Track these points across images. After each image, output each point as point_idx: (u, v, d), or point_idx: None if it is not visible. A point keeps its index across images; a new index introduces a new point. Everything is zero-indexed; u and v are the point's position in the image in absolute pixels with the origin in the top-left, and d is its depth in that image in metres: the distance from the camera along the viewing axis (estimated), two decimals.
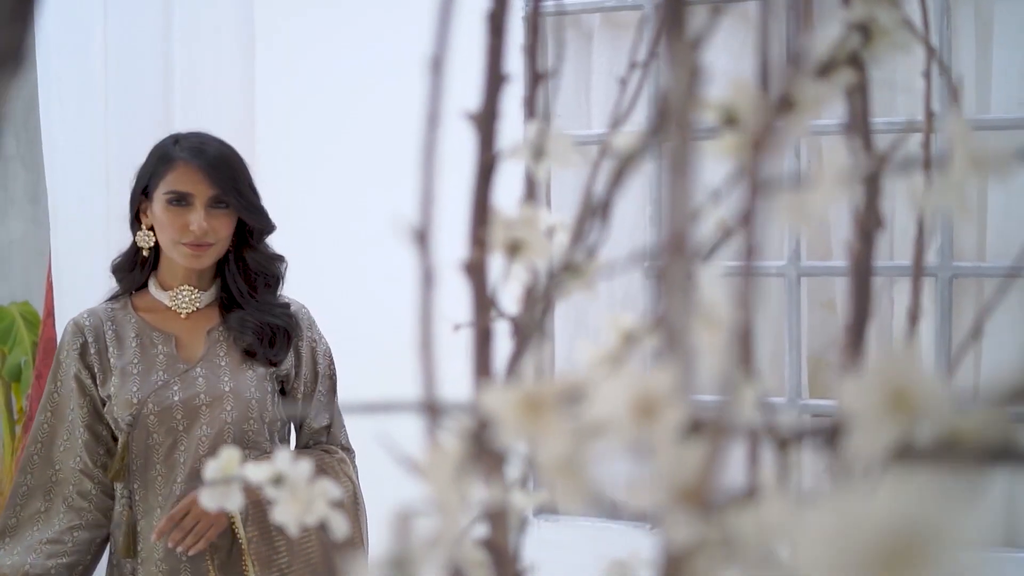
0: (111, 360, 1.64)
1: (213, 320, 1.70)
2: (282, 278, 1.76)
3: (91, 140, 2.50)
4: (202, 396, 1.64)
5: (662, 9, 0.31)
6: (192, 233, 1.61)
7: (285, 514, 0.43)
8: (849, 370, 0.26)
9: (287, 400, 1.72)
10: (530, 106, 0.47)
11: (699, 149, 0.31)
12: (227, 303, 1.71)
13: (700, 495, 0.27)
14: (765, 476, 0.31)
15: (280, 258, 1.75)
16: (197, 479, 1.60)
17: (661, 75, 0.33)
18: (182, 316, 1.70)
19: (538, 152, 0.45)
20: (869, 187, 0.42)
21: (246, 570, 1.61)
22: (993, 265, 1.90)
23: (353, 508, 1.71)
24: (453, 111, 0.38)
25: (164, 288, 1.70)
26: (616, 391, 0.27)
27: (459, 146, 0.49)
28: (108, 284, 1.75)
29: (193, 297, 1.69)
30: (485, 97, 0.38)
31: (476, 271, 0.37)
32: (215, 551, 1.61)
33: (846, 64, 0.38)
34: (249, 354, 1.68)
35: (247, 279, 1.71)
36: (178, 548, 1.56)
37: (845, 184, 0.33)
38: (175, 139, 1.68)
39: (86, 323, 1.66)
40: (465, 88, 0.44)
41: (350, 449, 1.81)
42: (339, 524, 0.44)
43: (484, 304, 0.37)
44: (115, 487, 1.65)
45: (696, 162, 0.30)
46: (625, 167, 0.39)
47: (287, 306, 1.74)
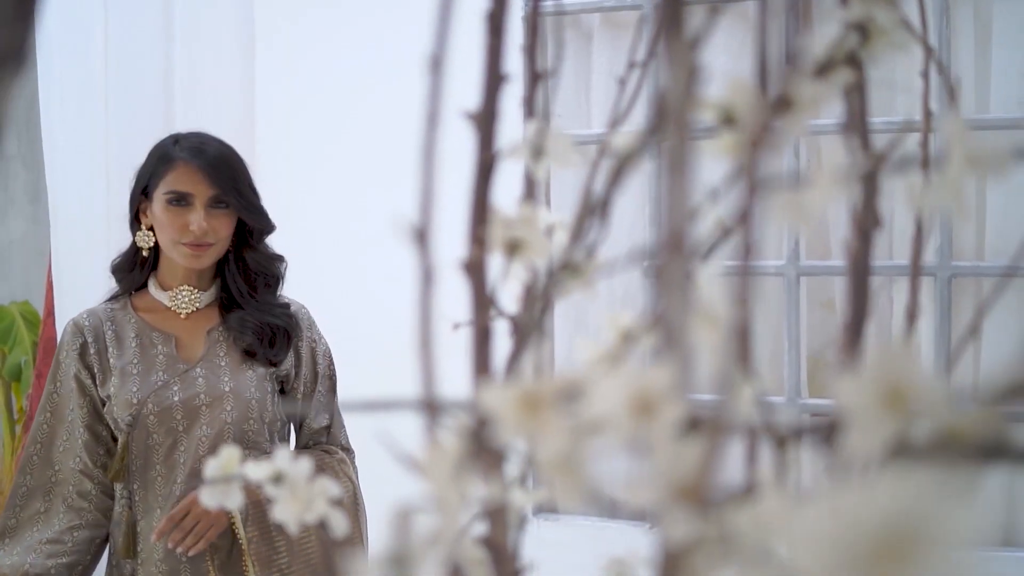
0: (111, 360, 1.64)
1: (213, 320, 1.70)
2: (282, 278, 1.75)
3: (91, 140, 2.50)
4: (202, 396, 1.63)
5: (660, 9, 0.31)
6: (192, 233, 1.61)
7: (285, 512, 0.44)
8: (847, 369, 0.26)
9: (287, 399, 1.72)
10: (529, 106, 0.47)
11: (697, 148, 0.31)
12: (227, 303, 1.71)
13: (698, 492, 0.27)
14: (763, 473, 0.32)
15: (280, 258, 1.75)
16: (197, 479, 1.59)
17: (660, 75, 0.33)
18: (182, 316, 1.69)
19: (537, 151, 0.45)
20: (867, 186, 0.42)
21: (246, 570, 1.60)
22: (992, 265, 1.90)
23: (353, 508, 1.71)
24: (453, 111, 0.38)
25: (164, 288, 1.70)
26: (614, 389, 0.28)
27: (459, 145, 0.49)
28: (108, 284, 1.75)
29: (193, 297, 1.69)
30: (484, 97, 0.38)
31: (475, 270, 0.37)
32: (215, 551, 1.60)
33: (844, 64, 0.38)
34: (249, 354, 1.68)
35: (247, 279, 1.71)
36: (178, 549, 1.55)
37: (843, 183, 0.33)
38: (175, 139, 1.68)
39: (85, 323, 1.66)
40: (465, 88, 0.44)
41: (350, 449, 1.81)
42: (339, 522, 0.44)
43: (483, 303, 0.37)
44: (115, 487, 1.65)
45: (694, 161, 0.30)
46: (624, 166, 0.39)
47: (287, 306, 1.74)
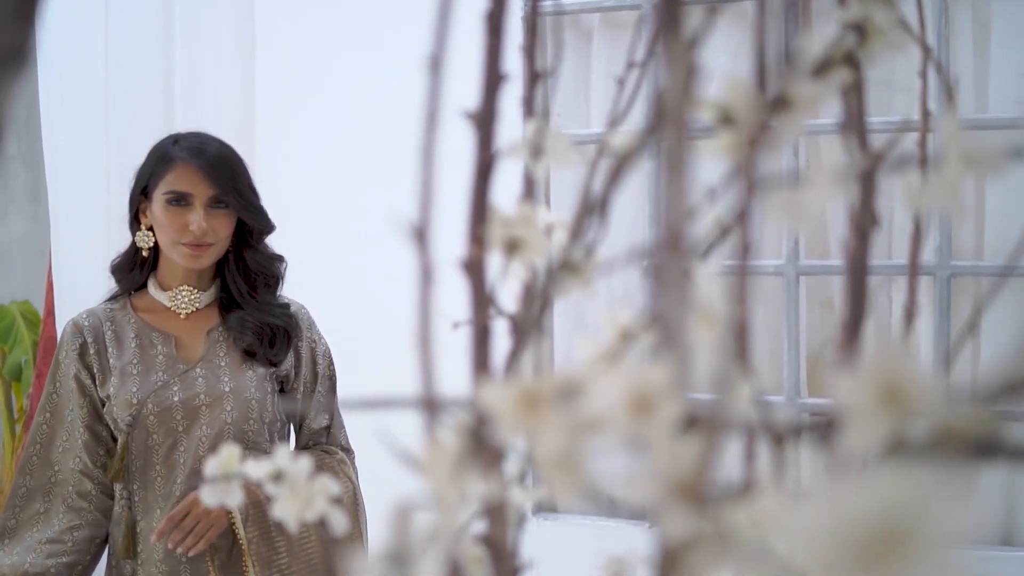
0: (110, 360, 1.64)
1: (213, 320, 1.70)
2: (282, 278, 1.75)
3: (91, 140, 2.51)
4: (202, 396, 1.63)
5: (659, 9, 0.31)
6: (192, 233, 1.61)
7: (285, 511, 0.44)
8: (845, 367, 0.26)
9: (285, 398, 1.72)
10: (529, 105, 0.47)
11: (695, 148, 0.31)
12: (227, 303, 1.71)
13: (696, 490, 0.27)
14: (761, 471, 0.32)
15: (280, 258, 1.75)
16: (197, 479, 1.59)
17: (659, 75, 0.33)
18: (181, 316, 1.69)
19: (536, 151, 0.45)
20: (865, 186, 0.42)
21: (246, 571, 1.60)
22: (991, 264, 1.90)
23: (353, 508, 1.71)
24: (452, 110, 0.38)
25: (163, 288, 1.70)
26: (613, 387, 0.28)
27: (458, 145, 0.49)
28: (108, 284, 1.75)
29: (192, 297, 1.69)
30: (484, 96, 0.38)
31: (475, 269, 0.37)
32: (215, 552, 1.60)
33: (842, 63, 0.38)
34: (249, 354, 1.68)
35: (247, 279, 1.71)
36: (178, 549, 1.55)
37: (840, 183, 0.33)
38: (174, 139, 1.68)
39: (85, 323, 1.66)
40: (464, 87, 0.44)
41: (350, 450, 1.81)
42: (338, 520, 0.44)
43: (483, 302, 0.37)
44: (114, 487, 1.65)
45: (692, 161, 0.30)
46: (622, 166, 0.39)
47: (287, 306, 1.74)
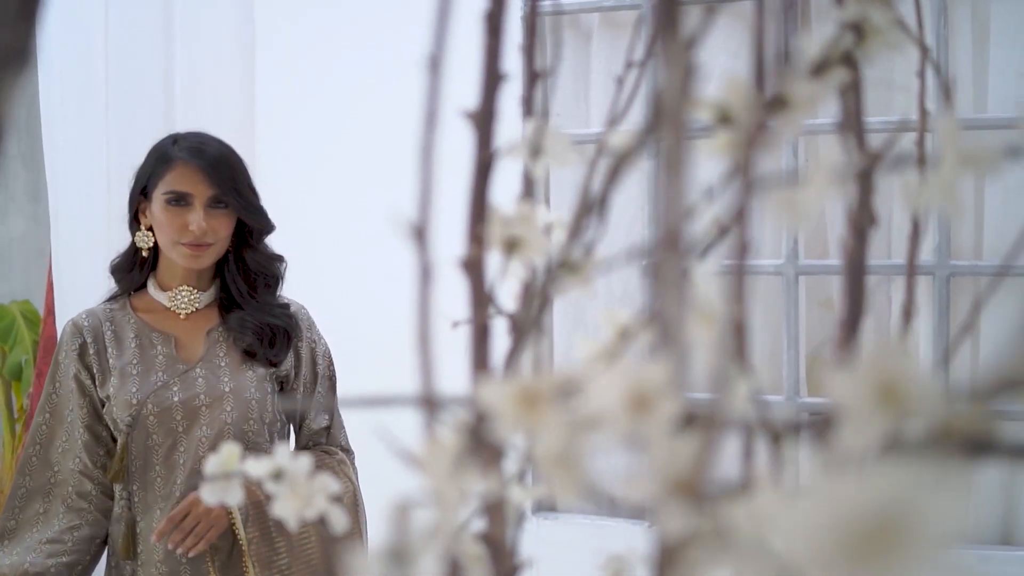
0: (110, 361, 1.64)
1: (212, 320, 1.70)
2: (282, 278, 1.75)
3: (91, 140, 2.51)
4: (202, 397, 1.63)
5: (657, 9, 0.31)
6: (191, 233, 1.61)
7: (285, 509, 0.44)
8: (842, 365, 0.27)
9: (284, 397, 1.72)
10: (528, 105, 0.47)
11: (694, 147, 0.31)
12: (226, 303, 1.71)
13: (693, 487, 0.27)
14: (758, 469, 0.32)
15: (280, 258, 1.75)
16: (197, 480, 1.59)
17: (658, 74, 0.33)
18: (181, 317, 1.69)
19: (536, 150, 0.45)
20: (862, 185, 0.42)
21: (246, 571, 1.60)
22: (990, 264, 1.90)
23: (353, 508, 1.71)
24: (451, 110, 0.38)
25: (163, 289, 1.70)
26: (611, 385, 0.28)
27: (457, 144, 0.49)
28: (108, 284, 1.75)
29: (192, 297, 1.69)
30: (483, 96, 0.38)
31: (474, 268, 0.38)
32: (215, 552, 1.60)
33: (840, 63, 0.38)
34: (249, 355, 1.68)
35: (247, 279, 1.71)
36: (178, 550, 1.55)
37: (837, 182, 0.33)
38: (174, 139, 1.68)
39: (84, 324, 1.66)
40: (463, 87, 0.44)
41: (350, 450, 1.81)
42: (338, 518, 0.44)
43: (482, 301, 0.38)
44: (114, 488, 1.64)
45: (691, 160, 0.30)
46: (621, 165, 0.39)
47: (287, 306, 1.74)
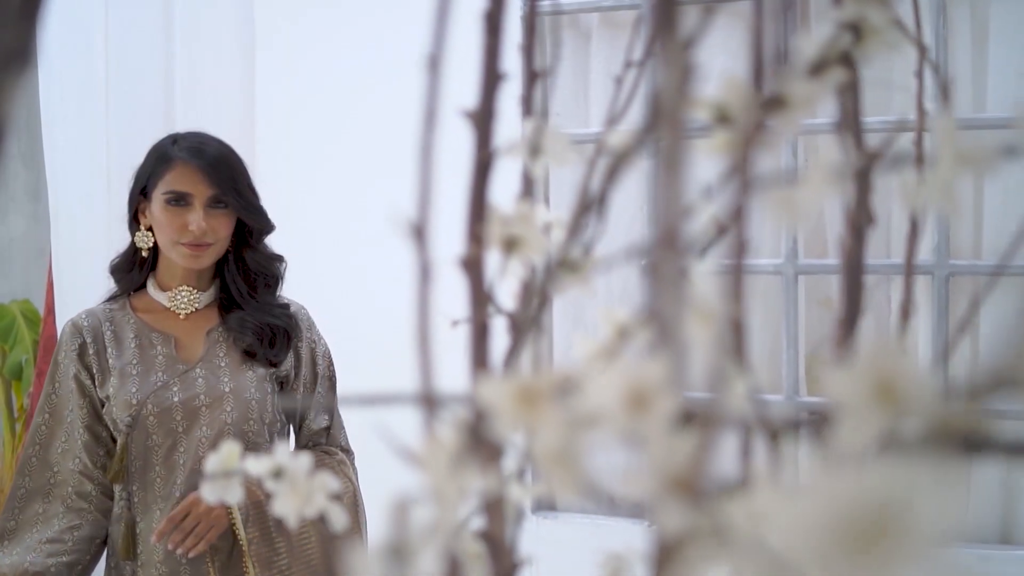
0: (110, 361, 1.64)
1: (212, 321, 1.70)
2: (282, 278, 1.75)
3: (91, 140, 2.51)
4: (202, 397, 1.63)
5: (655, 9, 0.31)
6: (191, 233, 1.61)
7: (284, 507, 0.44)
8: (840, 363, 0.27)
9: (284, 396, 1.72)
10: (527, 104, 0.47)
11: (692, 147, 0.32)
12: (226, 303, 1.71)
13: (692, 485, 0.27)
14: (757, 466, 0.32)
15: (279, 258, 1.75)
16: (197, 480, 1.59)
17: (657, 74, 0.33)
18: (181, 317, 1.69)
19: (535, 150, 0.45)
20: (861, 184, 0.42)
21: (246, 571, 1.60)
22: (990, 263, 1.90)
23: (353, 508, 1.71)
24: (451, 109, 0.38)
25: (163, 289, 1.70)
26: (610, 383, 0.28)
27: (457, 144, 0.49)
28: (108, 283, 1.75)
29: (192, 298, 1.69)
30: (482, 95, 0.38)
31: (473, 267, 0.38)
32: (215, 553, 1.60)
33: (838, 63, 0.38)
34: (249, 355, 1.67)
35: (246, 279, 1.71)
36: (178, 550, 1.55)
37: (835, 181, 0.34)
38: (174, 139, 1.68)
39: (84, 324, 1.66)
40: (463, 87, 0.44)
41: (349, 451, 1.80)
42: (338, 516, 0.44)
43: (481, 299, 0.38)
44: (114, 488, 1.64)
45: (689, 160, 0.30)
46: (620, 164, 0.39)
47: (287, 306, 1.74)
